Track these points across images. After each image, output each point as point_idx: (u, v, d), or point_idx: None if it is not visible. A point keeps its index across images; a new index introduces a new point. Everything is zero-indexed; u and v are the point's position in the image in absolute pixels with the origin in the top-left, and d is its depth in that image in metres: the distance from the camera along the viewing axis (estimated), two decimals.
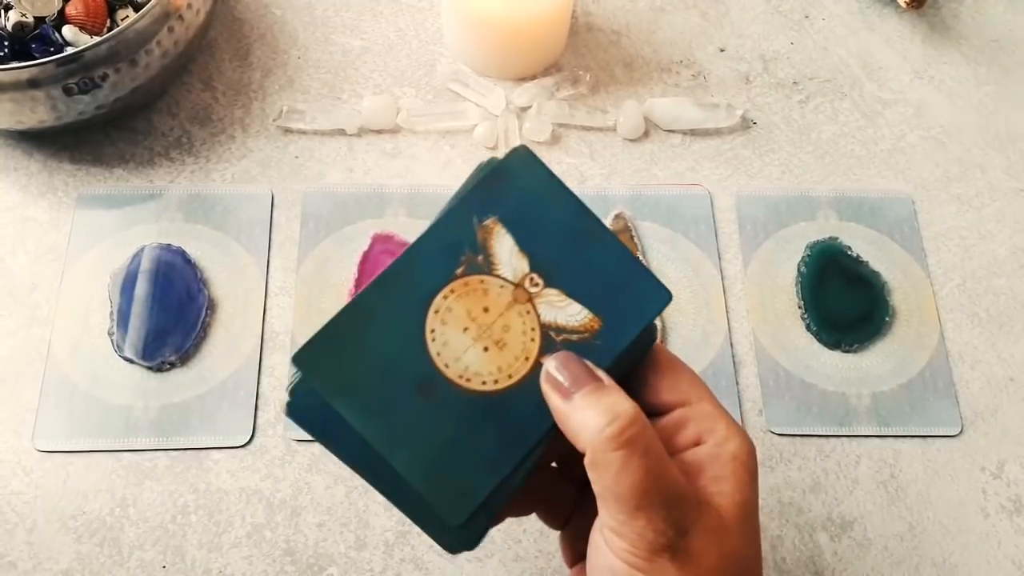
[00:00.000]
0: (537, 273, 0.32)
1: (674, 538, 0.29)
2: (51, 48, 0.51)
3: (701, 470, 0.31)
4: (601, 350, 0.31)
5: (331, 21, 0.62)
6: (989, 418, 0.50)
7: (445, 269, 0.31)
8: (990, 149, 0.59)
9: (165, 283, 0.50)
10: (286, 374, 0.49)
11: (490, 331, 0.31)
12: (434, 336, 0.31)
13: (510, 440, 0.31)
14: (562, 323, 0.32)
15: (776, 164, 0.58)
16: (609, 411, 0.29)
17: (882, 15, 0.64)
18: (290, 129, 0.57)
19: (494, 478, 0.30)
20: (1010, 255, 0.55)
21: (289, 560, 0.45)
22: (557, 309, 0.32)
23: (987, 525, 0.48)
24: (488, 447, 0.30)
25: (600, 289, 0.32)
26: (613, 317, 0.32)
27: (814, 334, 0.52)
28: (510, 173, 0.32)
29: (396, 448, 0.30)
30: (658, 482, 0.28)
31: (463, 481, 0.30)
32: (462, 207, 0.32)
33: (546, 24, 0.57)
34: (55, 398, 0.48)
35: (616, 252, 0.33)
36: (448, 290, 0.31)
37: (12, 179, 0.55)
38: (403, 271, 0.31)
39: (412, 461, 0.30)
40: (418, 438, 0.30)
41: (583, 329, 0.32)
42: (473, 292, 0.31)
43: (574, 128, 0.58)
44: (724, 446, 0.31)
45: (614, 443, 0.28)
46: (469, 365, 0.31)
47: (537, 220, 0.32)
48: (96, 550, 0.45)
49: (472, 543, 0.31)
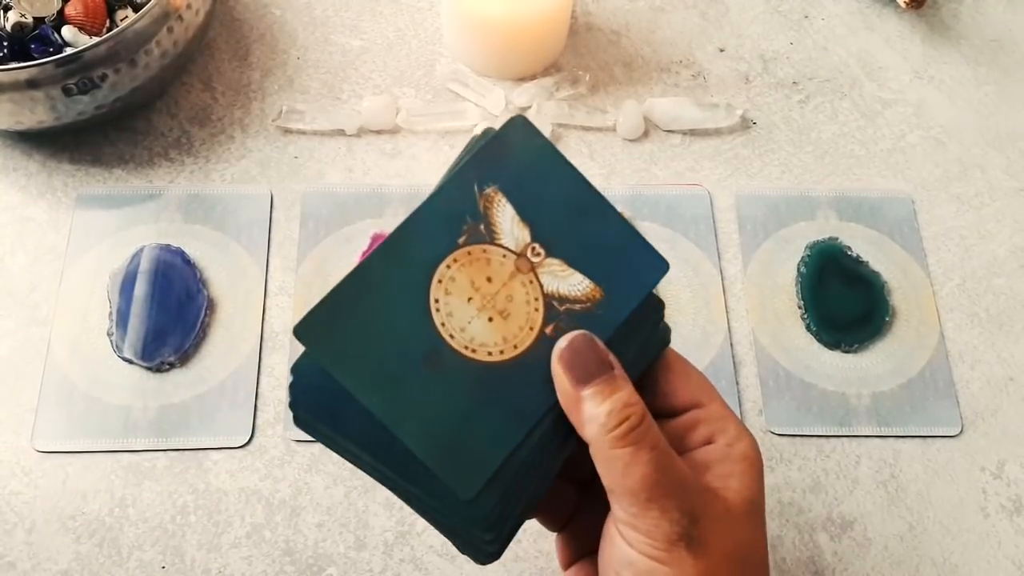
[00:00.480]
0: (539, 243, 0.32)
1: (688, 526, 0.29)
2: (50, 48, 0.51)
3: (709, 467, 0.32)
4: (603, 320, 0.31)
5: (330, 21, 0.62)
6: (989, 418, 0.50)
7: (447, 238, 0.31)
8: (990, 149, 0.59)
9: (164, 283, 0.50)
10: (285, 374, 0.49)
11: (494, 301, 0.31)
12: (438, 306, 0.30)
13: (518, 411, 0.30)
14: (565, 293, 0.31)
15: (776, 164, 0.58)
16: (618, 409, 0.29)
17: (882, 15, 0.64)
18: (289, 129, 0.57)
19: (503, 450, 0.30)
20: (1010, 255, 0.55)
21: (288, 560, 0.45)
22: (559, 279, 0.32)
23: (987, 525, 0.48)
24: (496, 418, 0.30)
25: (600, 259, 0.32)
26: (614, 287, 0.32)
27: (814, 334, 0.52)
28: (509, 142, 0.32)
29: (403, 421, 0.29)
30: (666, 473, 0.29)
31: (472, 453, 0.29)
32: (462, 175, 0.31)
33: (546, 24, 0.57)
34: (54, 398, 0.48)
35: (614, 223, 0.33)
36: (451, 259, 0.31)
37: (11, 179, 0.55)
38: (405, 240, 0.30)
39: (420, 433, 0.29)
40: (426, 410, 0.29)
41: (585, 299, 0.32)
42: (476, 261, 0.31)
43: (574, 128, 0.58)
44: (734, 446, 0.32)
45: (623, 440, 0.29)
46: (475, 336, 0.30)
47: (536, 190, 0.32)
48: (95, 550, 0.45)
49: (489, 526, 0.30)
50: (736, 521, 0.30)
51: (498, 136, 0.32)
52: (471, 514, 0.30)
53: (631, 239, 0.33)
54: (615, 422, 0.29)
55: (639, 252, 0.33)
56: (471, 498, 0.29)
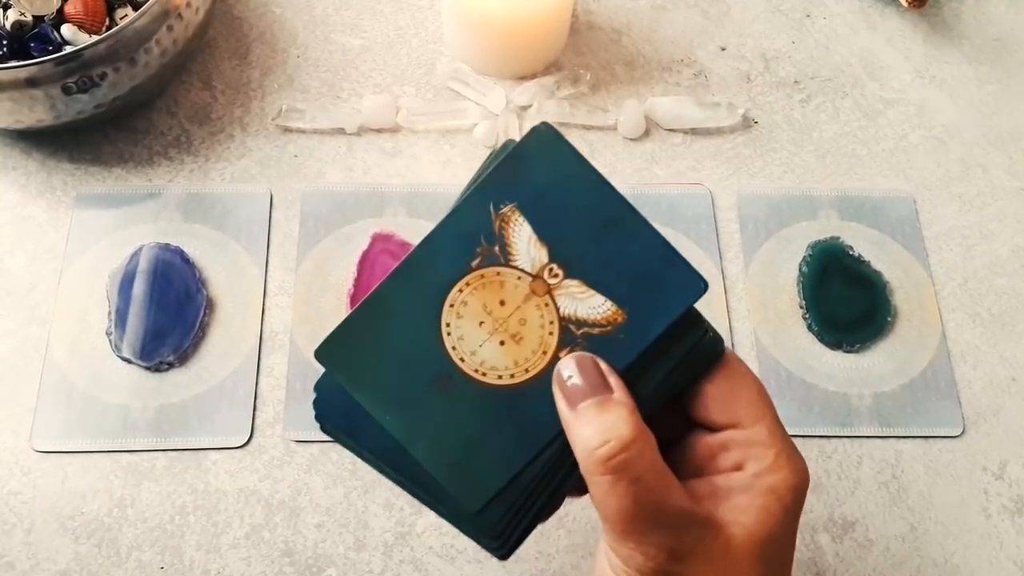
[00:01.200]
0: (557, 263, 0.31)
1: (665, 563, 0.28)
2: (50, 47, 0.51)
3: (727, 497, 0.30)
4: (624, 345, 0.30)
5: (331, 20, 0.61)
6: (991, 418, 0.50)
7: (460, 262, 0.31)
8: (992, 148, 0.59)
9: (163, 283, 0.50)
10: (285, 374, 0.49)
11: (506, 325, 0.31)
12: (449, 330, 0.31)
13: (526, 434, 0.31)
14: (583, 316, 0.31)
15: (777, 163, 0.57)
16: (604, 431, 0.28)
17: (883, 14, 0.64)
18: (289, 128, 0.57)
19: (509, 470, 0.30)
20: (1012, 255, 0.55)
21: (288, 561, 0.45)
22: (578, 301, 0.31)
23: (989, 526, 0.48)
24: (504, 440, 0.30)
25: (626, 279, 0.30)
26: (639, 309, 0.30)
27: (815, 334, 0.51)
28: (530, 155, 0.31)
29: (416, 439, 0.31)
30: (648, 509, 0.28)
31: (480, 472, 0.30)
32: (479, 194, 0.31)
33: (546, 23, 0.57)
34: (53, 398, 0.48)
35: (647, 238, 0.31)
36: (463, 283, 0.31)
37: (10, 178, 0.55)
38: (418, 265, 0.31)
39: (431, 452, 0.31)
40: (436, 430, 0.31)
41: (605, 322, 0.31)
42: (489, 285, 0.31)
43: (574, 127, 0.58)
44: (763, 477, 0.30)
45: (601, 467, 0.28)
46: (485, 359, 0.31)
47: (559, 205, 0.31)
48: (94, 551, 0.45)
49: (496, 535, 0.31)
50: (736, 563, 0.28)
51: (519, 148, 0.31)
52: (478, 524, 0.31)
53: (663, 256, 0.31)
54: (596, 445, 0.28)
55: (671, 270, 0.31)
56: (476, 511, 0.31)
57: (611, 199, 0.31)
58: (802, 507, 0.31)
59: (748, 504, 0.29)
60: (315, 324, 0.51)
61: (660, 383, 0.31)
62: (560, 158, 0.31)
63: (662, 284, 0.31)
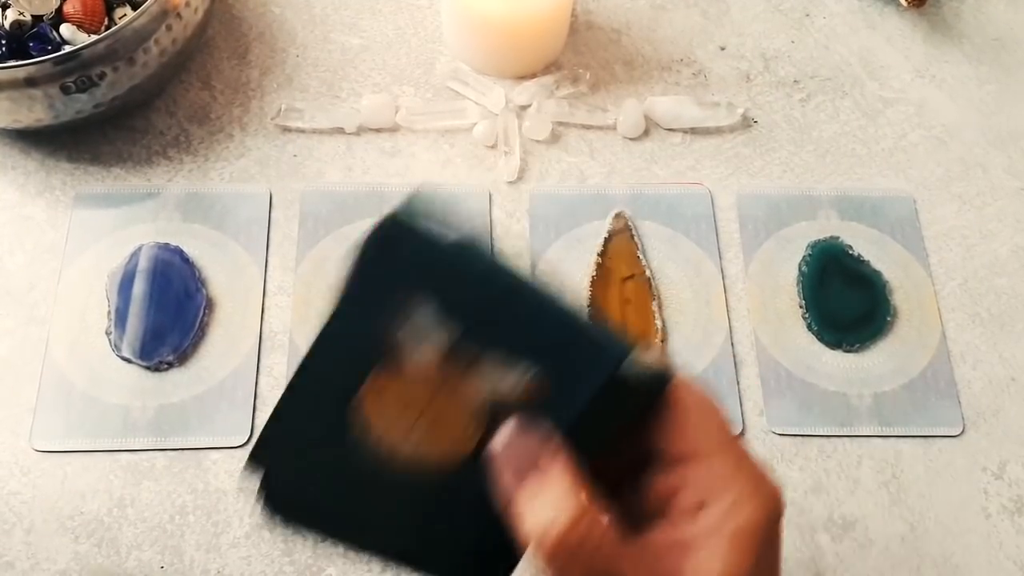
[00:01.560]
0: (468, 344, 0.28)
1: None
2: (49, 47, 0.51)
3: (691, 548, 0.27)
4: (553, 416, 0.28)
5: (330, 19, 0.61)
6: (991, 418, 0.50)
7: (364, 361, 0.29)
8: (992, 148, 0.59)
9: (163, 282, 0.50)
10: (284, 373, 0.49)
11: (427, 413, 0.29)
12: (369, 430, 0.29)
13: (474, 510, 0.29)
14: (503, 392, 0.28)
15: (777, 163, 0.57)
16: (542, 515, 0.26)
17: (883, 14, 0.64)
18: (288, 128, 0.57)
19: (466, 544, 0.30)
20: (1012, 254, 0.55)
21: (288, 561, 0.45)
22: (494, 379, 0.28)
23: (988, 526, 0.48)
24: (452, 520, 0.30)
25: (543, 349, 0.28)
26: (563, 378, 0.28)
27: (815, 334, 0.51)
28: (410, 234, 0.29)
29: (367, 542, 0.31)
30: None
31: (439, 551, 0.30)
32: (370, 284, 0.30)
33: (546, 22, 0.57)
34: (53, 398, 0.48)
35: (555, 305, 0.29)
36: (373, 382, 0.29)
37: (10, 178, 0.55)
38: (319, 371, 0.31)
39: (386, 546, 0.31)
40: (384, 527, 0.31)
41: (527, 396, 0.28)
42: (397, 380, 0.29)
43: (574, 127, 0.58)
44: (729, 518, 0.27)
45: (541, 554, 0.26)
46: (413, 450, 0.29)
47: (459, 281, 0.29)
48: (94, 550, 0.45)
49: None
50: None
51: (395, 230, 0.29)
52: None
53: (579, 322, 0.29)
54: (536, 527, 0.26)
55: (591, 335, 0.29)
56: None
57: (512, 275, 0.29)
58: (780, 535, 0.28)
59: (715, 552, 0.27)
60: (314, 324, 0.50)
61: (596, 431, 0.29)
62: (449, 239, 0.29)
63: (583, 350, 0.28)
